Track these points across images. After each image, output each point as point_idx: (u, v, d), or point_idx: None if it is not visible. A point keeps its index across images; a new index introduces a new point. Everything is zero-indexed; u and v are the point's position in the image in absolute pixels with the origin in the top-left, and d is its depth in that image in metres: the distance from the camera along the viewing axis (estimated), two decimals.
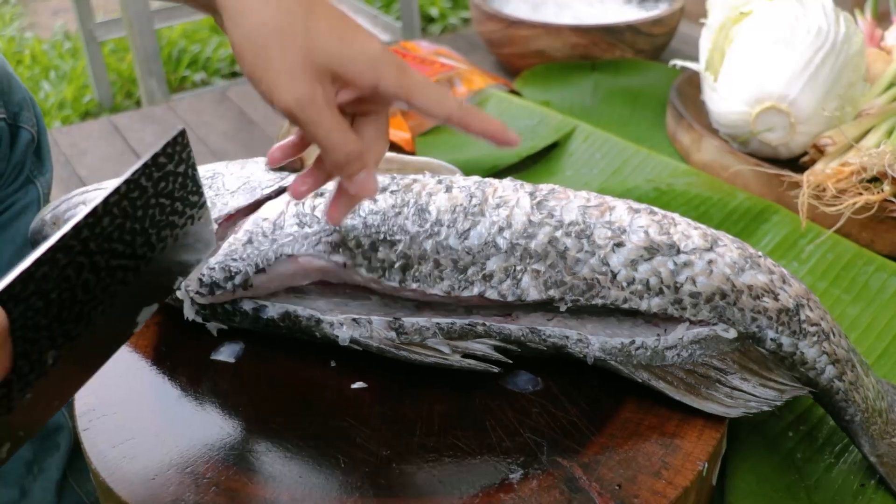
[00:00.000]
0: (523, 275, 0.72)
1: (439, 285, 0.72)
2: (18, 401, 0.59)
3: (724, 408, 0.71)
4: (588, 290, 0.72)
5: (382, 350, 0.74)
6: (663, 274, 0.72)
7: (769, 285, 0.74)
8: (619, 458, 0.67)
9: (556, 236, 0.73)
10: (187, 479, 0.67)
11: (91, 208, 0.60)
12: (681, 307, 0.72)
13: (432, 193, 0.76)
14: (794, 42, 1.17)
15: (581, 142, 1.27)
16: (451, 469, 0.67)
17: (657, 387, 0.72)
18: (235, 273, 0.75)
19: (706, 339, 0.73)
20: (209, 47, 2.78)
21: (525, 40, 1.47)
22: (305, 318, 0.76)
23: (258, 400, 0.74)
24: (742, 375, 0.72)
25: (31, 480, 1.11)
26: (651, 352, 0.73)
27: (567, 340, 0.73)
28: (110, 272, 0.63)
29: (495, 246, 0.72)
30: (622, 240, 0.73)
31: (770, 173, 1.12)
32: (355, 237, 0.74)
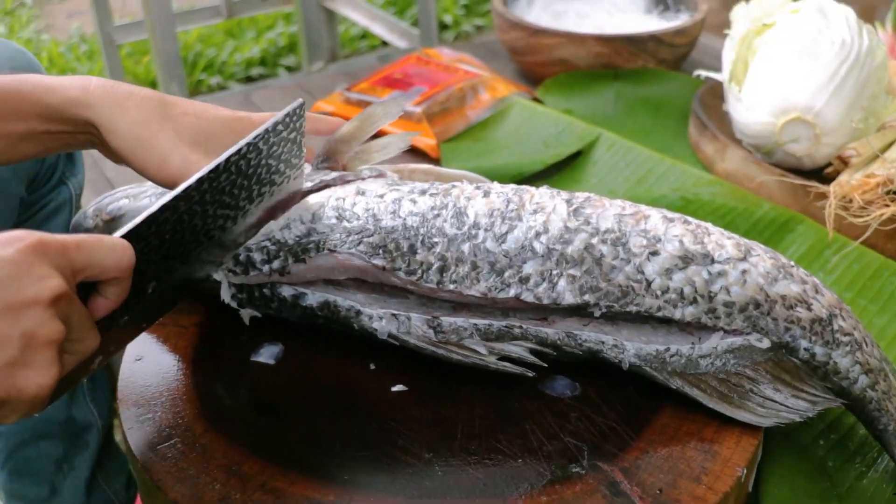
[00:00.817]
0: (559, 279, 0.73)
1: (476, 286, 0.74)
2: (118, 321, 0.66)
3: (756, 417, 0.72)
4: (623, 296, 0.73)
5: (420, 347, 0.75)
6: (697, 283, 0.73)
7: (802, 295, 0.75)
8: (659, 463, 0.68)
9: (592, 243, 0.74)
10: (233, 479, 0.68)
11: (214, 164, 0.69)
12: (714, 316, 0.73)
13: (470, 198, 0.78)
14: (819, 54, 1.18)
15: (605, 150, 1.28)
16: (493, 472, 0.68)
17: (691, 394, 0.73)
18: (274, 258, 0.77)
19: (740, 349, 0.74)
20: (225, 51, 2.80)
21: (548, 49, 1.48)
22: (345, 308, 0.77)
23: (299, 401, 0.76)
24: (775, 386, 0.73)
25: (62, 478, 1.13)
26: (685, 359, 0.74)
27: (602, 346, 0.74)
28: (215, 219, 0.72)
29: (532, 250, 0.74)
30: (657, 248, 0.74)
31: (795, 184, 1.13)
32: (394, 239, 0.75)
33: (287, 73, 2.79)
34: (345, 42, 2.89)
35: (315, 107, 1.47)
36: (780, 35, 1.24)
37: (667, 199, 1.14)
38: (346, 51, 2.87)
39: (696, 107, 1.32)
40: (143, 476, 0.70)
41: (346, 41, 2.92)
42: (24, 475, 1.13)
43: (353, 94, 1.42)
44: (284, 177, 0.77)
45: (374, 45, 2.97)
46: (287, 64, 2.82)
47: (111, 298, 0.62)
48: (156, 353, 0.81)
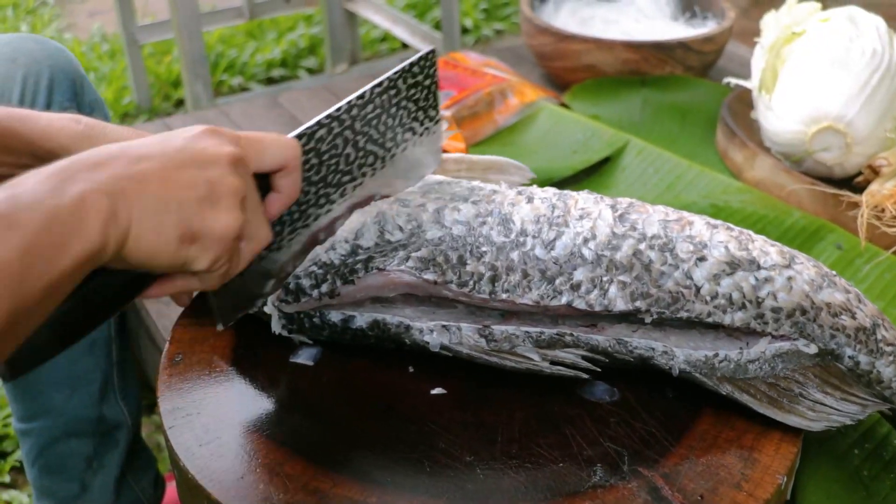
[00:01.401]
0: (610, 285, 0.74)
1: (528, 295, 0.74)
2: (286, 240, 0.74)
3: (806, 421, 0.72)
4: (673, 303, 0.73)
5: (473, 356, 0.76)
6: (745, 289, 0.73)
7: (846, 304, 0.75)
8: (700, 470, 0.69)
9: (640, 248, 0.74)
10: (276, 479, 0.68)
11: (360, 93, 0.73)
12: (763, 322, 0.73)
13: (514, 204, 0.78)
14: (850, 63, 1.19)
15: (634, 157, 1.29)
16: (535, 475, 0.68)
17: (741, 399, 0.73)
18: (322, 282, 0.77)
19: (788, 353, 0.74)
20: (246, 52, 2.81)
21: (576, 54, 1.49)
22: (395, 325, 0.77)
23: (340, 403, 0.76)
24: (823, 390, 0.74)
25: (92, 476, 1.14)
26: (734, 364, 0.74)
27: (653, 352, 0.75)
28: (364, 155, 0.76)
29: (581, 256, 0.74)
30: (704, 254, 0.74)
31: (825, 192, 1.13)
32: (442, 251, 0.76)
33: (308, 74, 2.80)
34: (365, 44, 2.90)
35: None
36: (811, 44, 1.24)
37: (697, 206, 1.14)
38: (366, 53, 2.88)
39: (724, 114, 1.33)
40: (185, 476, 0.70)
41: (367, 43, 2.93)
42: (54, 472, 1.14)
43: None
44: (424, 127, 0.80)
45: (394, 47, 2.97)
46: (308, 66, 2.83)
47: (283, 192, 0.67)
48: (195, 353, 0.81)
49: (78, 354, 1.08)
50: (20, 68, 0.96)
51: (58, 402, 1.10)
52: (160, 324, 1.12)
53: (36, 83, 0.97)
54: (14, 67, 0.96)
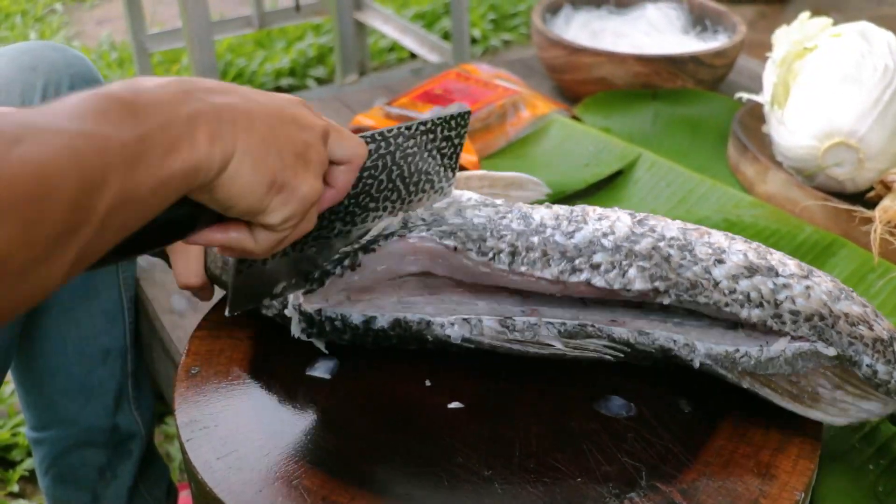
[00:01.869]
0: (629, 268, 0.75)
1: (548, 270, 0.75)
2: (308, 243, 0.75)
3: (829, 416, 0.73)
4: (692, 287, 0.74)
5: (494, 346, 0.76)
6: (764, 291, 0.74)
7: (864, 315, 0.75)
8: (717, 486, 0.69)
9: (659, 245, 0.75)
10: (294, 493, 0.69)
11: (407, 124, 0.75)
12: (780, 321, 0.74)
13: (534, 208, 0.80)
14: (862, 79, 1.19)
15: (646, 170, 1.29)
16: (553, 490, 0.69)
17: (761, 393, 0.73)
18: (344, 258, 0.78)
19: (807, 354, 0.74)
20: (255, 61, 2.82)
21: (587, 67, 1.49)
22: (416, 322, 0.78)
23: (357, 416, 0.76)
24: (844, 388, 0.74)
25: (104, 486, 1.14)
26: (755, 360, 0.74)
27: (674, 344, 0.75)
28: (392, 189, 0.78)
29: (601, 245, 0.75)
30: (723, 258, 0.75)
31: (837, 208, 1.14)
32: (464, 230, 0.77)
33: (317, 84, 2.81)
34: (373, 54, 2.91)
35: (354, 120, 1.48)
36: (823, 59, 1.25)
37: (710, 220, 1.15)
38: (374, 63, 2.89)
39: (736, 128, 1.33)
40: (203, 489, 0.70)
41: (375, 53, 2.94)
42: (67, 482, 1.14)
43: (393, 109, 1.43)
44: (440, 184, 0.82)
45: (402, 57, 2.98)
46: (316, 75, 2.83)
47: (336, 186, 0.68)
48: (212, 366, 0.82)
49: (92, 365, 1.09)
50: (41, 77, 0.97)
51: (72, 412, 1.10)
52: (174, 335, 1.13)
53: (57, 92, 0.97)
54: (34, 76, 0.97)
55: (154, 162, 0.50)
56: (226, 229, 0.63)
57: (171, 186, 0.53)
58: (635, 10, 1.70)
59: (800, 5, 2.99)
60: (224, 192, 0.57)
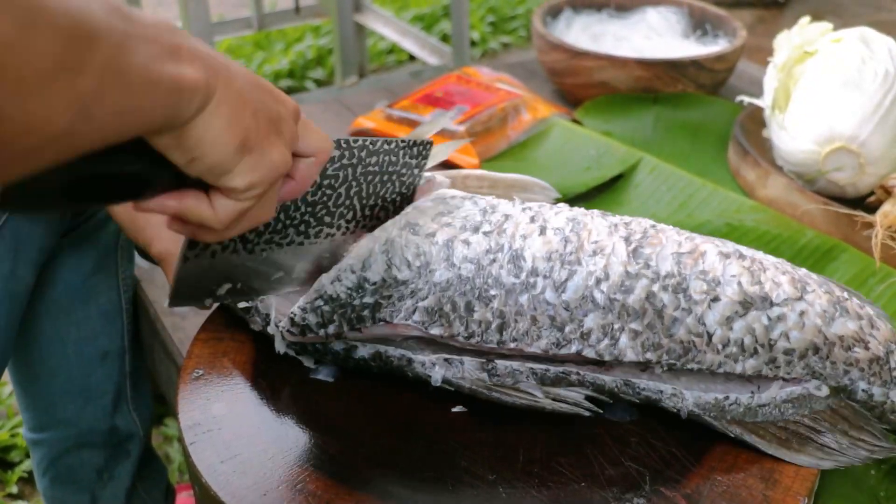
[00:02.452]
0: (621, 334, 0.73)
1: (537, 343, 0.74)
2: (259, 245, 0.73)
3: (815, 461, 0.73)
4: (684, 353, 0.73)
5: (474, 391, 0.76)
6: (758, 331, 0.73)
7: (859, 333, 0.75)
8: (721, 490, 0.69)
9: (653, 290, 0.74)
10: (298, 497, 0.69)
11: (372, 139, 0.74)
12: (775, 366, 0.74)
13: (526, 236, 0.77)
14: (863, 84, 1.19)
15: (647, 174, 1.29)
16: (557, 495, 0.69)
17: (750, 441, 0.73)
18: (329, 323, 0.77)
19: (799, 398, 0.75)
20: (254, 63, 2.82)
21: (588, 71, 1.49)
22: (396, 357, 0.77)
23: (361, 420, 0.76)
24: (833, 435, 0.74)
25: (102, 487, 1.14)
26: (744, 408, 0.74)
27: (661, 395, 0.75)
28: (347, 206, 0.77)
29: (593, 301, 0.73)
30: (717, 293, 0.74)
31: (837, 212, 1.14)
32: (450, 297, 0.75)
33: (316, 85, 2.81)
34: (372, 56, 2.91)
35: (355, 122, 1.48)
36: (823, 64, 1.25)
37: (711, 224, 1.15)
38: (373, 65, 2.89)
39: (736, 132, 1.33)
40: (207, 492, 0.70)
41: (374, 55, 2.94)
42: (65, 483, 1.14)
43: (394, 112, 1.43)
44: (393, 213, 0.81)
45: (401, 59, 2.98)
46: (315, 77, 2.83)
47: (297, 179, 0.66)
48: (214, 369, 0.82)
49: (90, 366, 1.09)
50: None
51: (70, 413, 1.10)
52: (175, 336, 1.13)
53: None
54: None
55: (143, 58, 0.48)
56: (182, 196, 0.60)
57: (160, 91, 0.50)
58: (636, 14, 1.70)
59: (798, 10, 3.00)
60: (195, 138, 0.55)
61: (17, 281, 0.96)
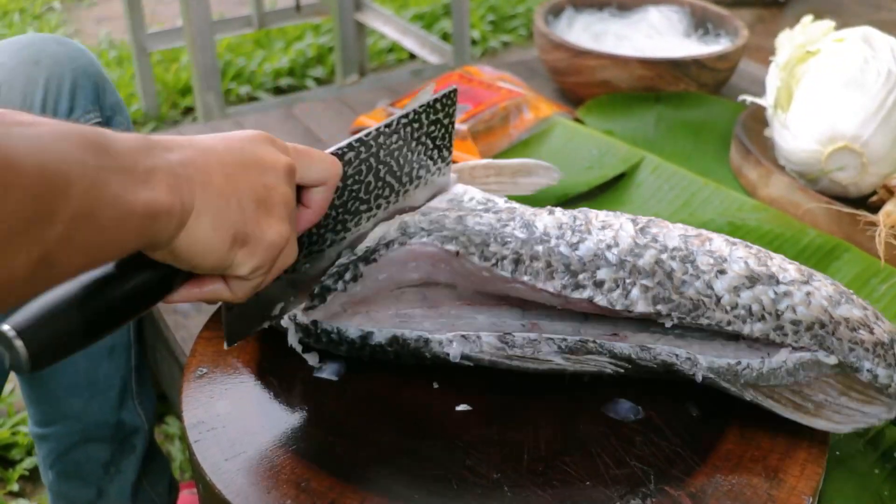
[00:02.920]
0: (633, 287, 0.74)
1: (551, 282, 0.74)
2: (301, 263, 0.73)
3: (833, 424, 0.73)
4: (694, 309, 0.74)
5: (495, 363, 0.76)
6: (765, 301, 0.74)
7: (864, 319, 0.76)
8: (726, 490, 0.69)
9: (661, 258, 0.75)
10: (303, 495, 0.69)
11: (387, 121, 0.74)
12: (782, 333, 0.74)
13: (536, 214, 0.79)
14: (866, 84, 1.19)
15: (649, 173, 1.29)
16: (562, 494, 0.69)
17: (765, 405, 0.73)
18: (345, 271, 0.78)
19: (808, 363, 0.74)
20: (254, 61, 2.81)
21: (590, 70, 1.49)
22: (413, 339, 0.77)
23: (365, 419, 0.76)
24: (847, 394, 0.74)
25: (108, 481, 1.14)
26: (757, 372, 0.74)
27: (676, 359, 0.75)
28: (382, 186, 0.77)
29: (605, 259, 0.75)
30: (724, 267, 0.75)
31: (840, 211, 1.14)
32: (466, 235, 0.76)
33: (316, 84, 2.80)
34: (372, 55, 2.91)
35: (357, 121, 1.48)
36: (826, 63, 1.25)
37: (714, 223, 1.15)
38: (373, 64, 2.89)
39: (738, 132, 1.33)
40: (211, 490, 0.70)
41: (374, 54, 2.94)
42: (72, 477, 1.14)
43: (396, 110, 1.43)
44: (437, 167, 0.81)
45: (401, 58, 2.98)
46: (315, 75, 2.83)
47: (313, 208, 0.67)
48: (218, 367, 0.82)
49: (97, 360, 1.09)
50: (43, 71, 0.96)
51: (76, 407, 1.10)
52: (178, 335, 1.12)
53: (59, 86, 0.97)
54: (37, 70, 0.96)
55: (116, 191, 0.50)
56: (201, 284, 0.63)
57: (132, 223, 0.52)
58: (637, 13, 1.70)
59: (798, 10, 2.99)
60: (185, 251, 0.57)
61: None
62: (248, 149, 0.61)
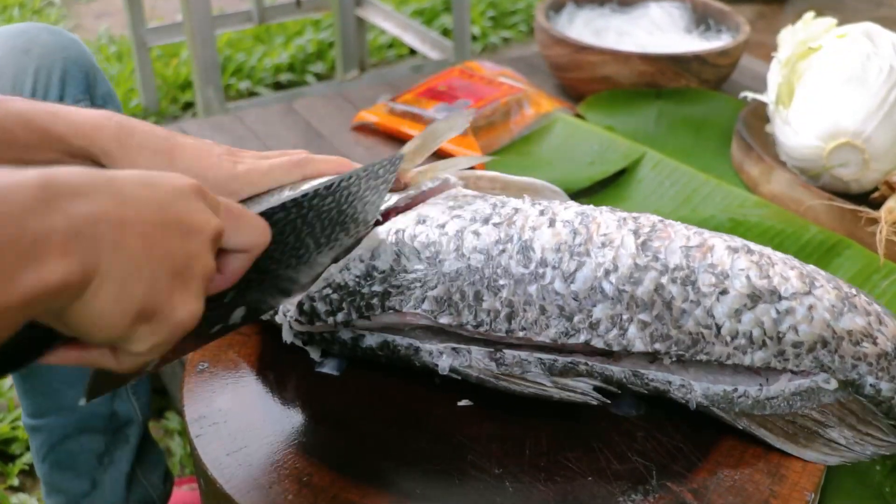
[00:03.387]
0: (630, 325, 0.73)
1: (546, 332, 0.73)
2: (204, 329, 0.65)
3: (822, 456, 0.72)
4: (693, 345, 0.73)
5: (482, 380, 0.75)
6: (766, 324, 0.73)
7: (867, 328, 0.75)
8: (728, 485, 0.69)
9: (661, 283, 0.73)
10: (304, 490, 0.69)
11: (328, 182, 0.68)
12: (783, 358, 0.73)
13: (535, 228, 0.76)
14: (867, 80, 1.19)
15: (650, 169, 1.29)
16: (564, 489, 0.69)
17: (757, 434, 0.73)
18: (338, 310, 0.76)
19: (807, 391, 0.75)
20: (254, 56, 2.81)
21: (592, 66, 1.49)
22: (404, 346, 0.77)
23: (367, 414, 0.76)
24: (840, 430, 0.74)
25: (102, 472, 1.14)
26: (753, 401, 0.74)
27: (669, 386, 0.74)
28: (299, 247, 0.70)
29: (602, 292, 0.73)
30: (725, 286, 0.73)
31: (842, 208, 1.14)
32: (459, 287, 0.74)
33: (316, 79, 2.80)
34: (372, 51, 2.91)
35: (358, 116, 1.48)
36: (827, 59, 1.25)
37: (716, 220, 1.15)
38: (373, 59, 2.89)
39: (740, 128, 1.33)
40: (213, 486, 0.70)
41: (374, 50, 2.93)
42: (65, 468, 1.13)
43: (397, 105, 1.43)
44: (358, 231, 0.76)
45: (401, 54, 2.98)
46: (315, 71, 2.83)
47: (225, 275, 0.60)
48: (220, 362, 0.82)
49: None
50: (33, 60, 0.96)
51: (70, 399, 1.09)
52: None
53: (49, 75, 0.96)
54: (27, 59, 0.96)
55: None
56: (84, 349, 0.53)
57: (9, 318, 0.44)
58: (638, 9, 1.70)
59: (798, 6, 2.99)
60: (77, 322, 0.48)
61: None
62: (175, 204, 0.53)
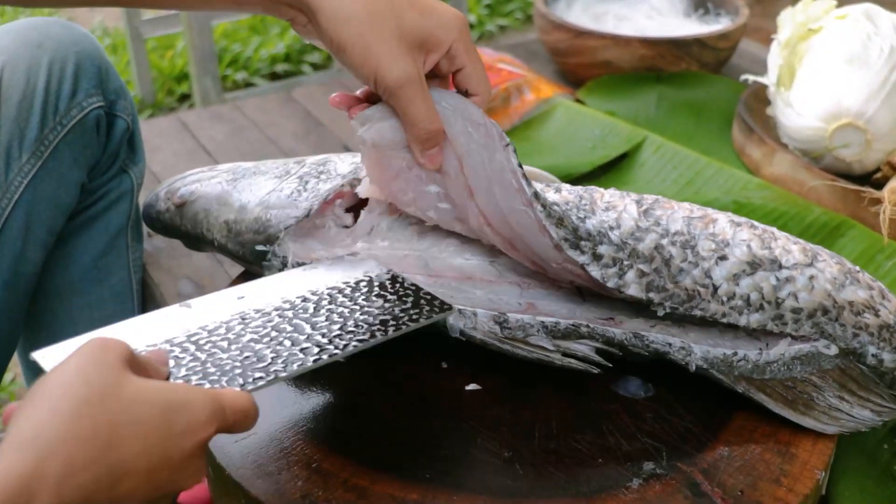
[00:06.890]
0: (629, 270, 0.74)
1: (555, 229, 0.73)
2: None
3: (821, 424, 0.72)
4: (688, 300, 0.73)
5: (486, 342, 0.76)
6: (765, 289, 0.73)
7: (869, 301, 0.75)
8: (738, 465, 0.69)
9: (662, 244, 0.74)
10: (315, 476, 0.68)
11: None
12: (781, 322, 0.73)
13: (543, 191, 0.78)
14: (869, 60, 1.19)
15: (652, 153, 1.29)
16: (574, 471, 0.69)
17: (756, 398, 0.73)
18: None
19: (807, 356, 0.74)
20: (250, 47, 2.80)
21: (591, 51, 1.48)
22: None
23: (376, 399, 0.76)
24: (841, 394, 0.74)
25: None
26: (752, 365, 0.74)
27: (670, 347, 0.75)
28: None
29: (607, 237, 0.74)
30: (725, 253, 0.74)
31: (844, 188, 1.13)
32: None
33: (312, 70, 2.79)
34: None
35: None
36: (828, 40, 1.24)
37: (719, 202, 1.14)
38: None
39: (741, 111, 1.33)
40: (221, 473, 0.70)
41: None
42: None
43: None
44: None
45: None
46: (312, 61, 2.82)
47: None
48: None
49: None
50: (46, 53, 0.96)
51: None
52: None
53: (62, 69, 0.96)
54: (40, 52, 0.95)
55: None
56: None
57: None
58: None
59: None
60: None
61: (27, 262, 0.95)
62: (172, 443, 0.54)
